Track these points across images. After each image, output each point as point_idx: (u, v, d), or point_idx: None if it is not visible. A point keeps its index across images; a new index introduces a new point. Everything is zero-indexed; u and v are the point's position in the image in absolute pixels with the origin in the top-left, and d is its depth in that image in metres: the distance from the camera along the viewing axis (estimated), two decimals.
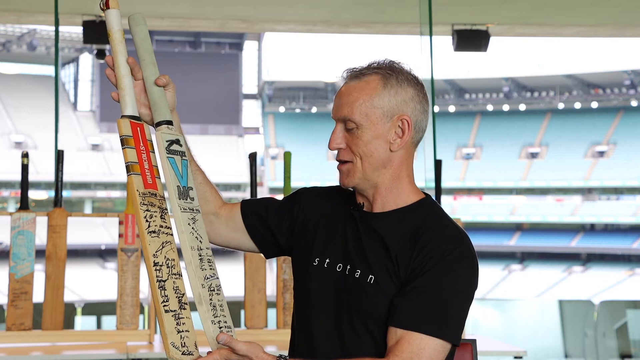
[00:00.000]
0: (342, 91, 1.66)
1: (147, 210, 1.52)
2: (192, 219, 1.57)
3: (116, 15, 1.59)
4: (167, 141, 1.59)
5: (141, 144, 1.58)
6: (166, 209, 1.57)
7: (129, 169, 1.55)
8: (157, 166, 1.60)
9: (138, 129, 1.59)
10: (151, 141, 1.61)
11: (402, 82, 1.63)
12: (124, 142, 1.56)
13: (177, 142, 1.62)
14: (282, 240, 1.78)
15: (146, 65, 1.62)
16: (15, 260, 3.55)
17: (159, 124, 1.61)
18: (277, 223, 1.77)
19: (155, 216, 1.53)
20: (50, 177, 23.13)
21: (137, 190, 1.53)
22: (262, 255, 1.86)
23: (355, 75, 1.65)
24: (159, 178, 1.59)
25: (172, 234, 1.55)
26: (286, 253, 1.80)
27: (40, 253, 3.63)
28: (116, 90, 1.61)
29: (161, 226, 1.53)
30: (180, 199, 1.56)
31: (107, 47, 9.66)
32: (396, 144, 1.62)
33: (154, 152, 1.60)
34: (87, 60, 42.63)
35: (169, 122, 1.62)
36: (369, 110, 1.61)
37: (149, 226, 1.51)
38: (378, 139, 1.62)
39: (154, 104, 1.62)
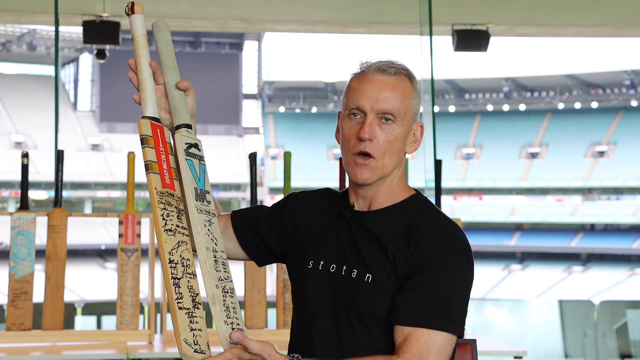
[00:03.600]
0: (381, 83, 1.61)
1: (164, 209, 1.53)
2: (208, 221, 1.58)
3: (140, 20, 1.62)
4: (186, 144, 1.60)
5: (160, 145, 1.59)
6: (182, 211, 1.57)
7: (147, 167, 1.56)
8: (175, 168, 1.60)
9: (158, 130, 1.61)
10: (170, 144, 1.62)
11: (419, 89, 1.67)
12: (143, 141, 1.57)
13: (196, 146, 1.63)
14: (274, 247, 1.78)
15: (168, 70, 1.64)
16: (15, 260, 3.55)
17: (178, 127, 1.62)
18: (268, 230, 1.77)
19: (172, 215, 1.54)
20: (50, 177, 23.13)
21: (155, 188, 1.54)
22: None
23: (394, 72, 1.62)
24: (177, 180, 1.59)
25: (187, 235, 1.55)
26: (280, 259, 1.80)
27: (40, 253, 3.63)
28: (137, 92, 1.63)
29: (177, 225, 1.54)
30: (197, 201, 1.57)
31: (107, 47, 9.68)
32: (411, 148, 1.66)
33: (172, 155, 1.61)
34: (87, 60, 42.62)
35: (189, 126, 1.63)
36: (408, 108, 1.62)
37: (165, 224, 1.52)
38: (403, 139, 1.63)
39: (174, 108, 1.63)
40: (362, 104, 1.60)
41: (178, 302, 1.45)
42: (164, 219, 1.52)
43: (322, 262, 1.66)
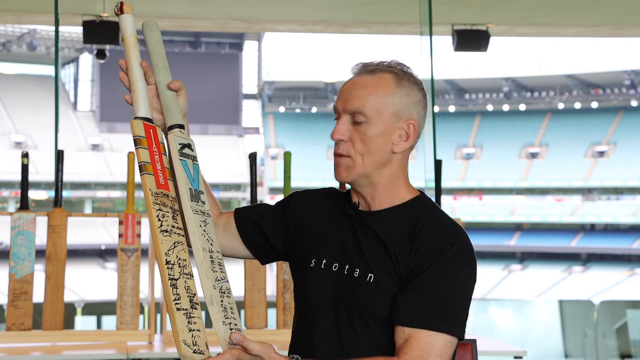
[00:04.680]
0: (353, 83, 1.63)
1: (159, 209, 1.53)
2: (203, 221, 1.57)
3: (130, 20, 1.61)
4: (179, 144, 1.60)
5: (154, 146, 1.59)
6: (177, 211, 1.57)
7: (142, 168, 1.56)
8: (169, 168, 1.60)
9: (151, 130, 1.60)
10: (163, 144, 1.62)
11: (412, 85, 1.63)
12: (137, 142, 1.57)
13: (189, 146, 1.63)
14: (277, 245, 1.78)
15: (159, 70, 1.63)
16: (15, 260, 3.55)
17: (171, 128, 1.62)
18: (271, 228, 1.77)
19: (167, 216, 1.54)
20: (50, 177, 23.13)
21: (150, 189, 1.54)
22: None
23: (370, 70, 1.63)
24: (171, 180, 1.60)
25: (183, 235, 1.55)
26: (282, 258, 1.80)
27: (40, 253, 3.63)
28: (129, 93, 1.62)
29: (173, 226, 1.54)
30: (192, 201, 1.57)
31: (107, 47, 9.68)
32: (400, 147, 1.63)
33: (166, 155, 1.61)
34: (87, 60, 42.65)
35: (181, 126, 1.62)
36: (382, 106, 1.60)
37: (161, 225, 1.51)
38: (383, 137, 1.61)
39: (166, 108, 1.63)
40: (337, 105, 1.64)
41: (176, 303, 1.45)
42: (159, 219, 1.52)
43: (324, 261, 1.66)
